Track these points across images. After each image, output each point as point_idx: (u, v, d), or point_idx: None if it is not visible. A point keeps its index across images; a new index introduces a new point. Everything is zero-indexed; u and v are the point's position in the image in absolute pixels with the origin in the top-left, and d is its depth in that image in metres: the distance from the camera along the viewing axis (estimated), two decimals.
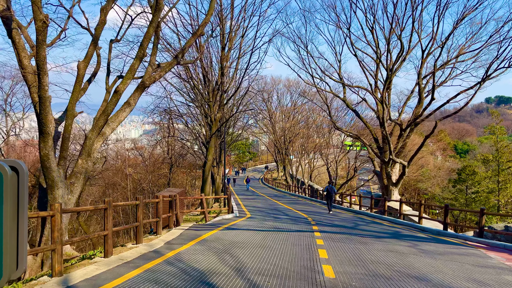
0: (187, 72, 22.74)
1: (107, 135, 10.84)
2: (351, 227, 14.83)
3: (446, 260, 8.80)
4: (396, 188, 29.25)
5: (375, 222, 17.59)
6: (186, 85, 23.72)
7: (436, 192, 58.28)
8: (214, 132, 23.18)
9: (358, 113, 31.49)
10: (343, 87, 31.12)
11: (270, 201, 30.89)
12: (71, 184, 10.38)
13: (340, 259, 8.27)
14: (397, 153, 28.01)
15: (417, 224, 16.48)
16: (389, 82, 26.03)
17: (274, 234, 12.06)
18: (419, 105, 27.55)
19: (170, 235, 11.67)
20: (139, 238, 9.70)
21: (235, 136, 49.81)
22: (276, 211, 22.24)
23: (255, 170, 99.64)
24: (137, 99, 11.30)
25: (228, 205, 18.97)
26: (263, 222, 16.10)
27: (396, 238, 12.18)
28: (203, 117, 24.78)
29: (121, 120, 11.03)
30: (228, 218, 17.68)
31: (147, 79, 11.26)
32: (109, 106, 10.35)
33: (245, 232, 12.54)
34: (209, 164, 23.77)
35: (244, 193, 43.72)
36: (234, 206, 23.68)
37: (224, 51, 22.59)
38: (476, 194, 44.75)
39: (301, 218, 17.94)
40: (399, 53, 25.87)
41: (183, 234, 11.85)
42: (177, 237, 11.16)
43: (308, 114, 62.78)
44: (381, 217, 19.65)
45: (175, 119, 28.33)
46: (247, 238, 11.18)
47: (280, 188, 56.04)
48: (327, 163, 56.86)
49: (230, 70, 24.74)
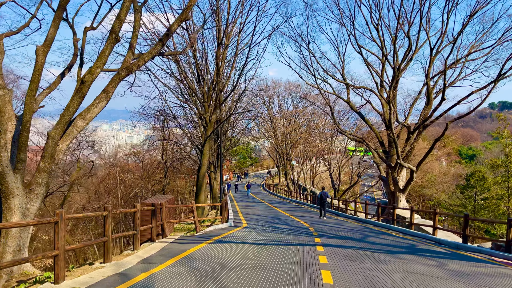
0: (180, 71, 21.23)
1: (75, 134, 9.31)
2: (358, 239, 13.18)
3: (480, 286, 7.16)
4: (403, 195, 27.56)
5: (384, 232, 15.93)
6: (180, 85, 22.20)
7: (442, 199, 56.47)
8: (210, 135, 21.62)
9: (363, 116, 29.89)
10: (347, 88, 29.58)
11: (270, 208, 29.23)
12: (31, 191, 8.81)
13: (349, 286, 6.65)
14: (404, 158, 26.37)
15: (431, 235, 14.83)
16: (396, 81, 24.48)
17: (270, 249, 10.44)
18: (427, 107, 25.95)
19: (150, 250, 10.08)
20: (107, 256, 8.10)
21: (234, 141, 48.23)
22: (276, 219, 20.61)
23: (256, 176, 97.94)
24: (113, 89, 9.77)
25: (222, 213, 17.35)
26: (259, 232, 14.48)
27: (413, 254, 10.54)
28: (198, 118, 23.27)
29: (93, 116, 9.50)
30: (222, 228, 16.06)
31: (126, 68, 9.75)
32: (75, 100, 8.83)
33: (238, 246, 10.92)
34: (204, 169, 22.19)
35: (244, 199, 42.08)
36: (231, 214, 22.06)
37: (220, 48, 21.10)
38: (486, 201, 42.91)
39: (302, 228, 16.31)
40: (407, 51, 24.35)
41: (166, 248, 10.24)
42: (157, 253, 9.56)
43: (310, 118, 61.22)
44: (390, 227, 17.98)
45: (170, 121, 26.80)
46: (238, 254, 9.57)
47: (281, 194, 54.32)
48: (329, 168, 55.16)
49: (226, 69, 23.30)
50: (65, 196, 22.39)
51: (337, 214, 26.20)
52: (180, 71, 21.10)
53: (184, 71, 21.22)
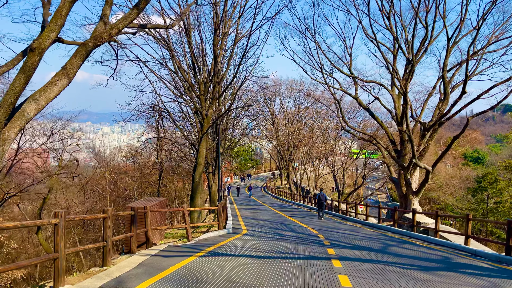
0: (173, 61, 19.21)
1: (28, 118, 7.29)
2: (379, 250, 11.09)
3: None
4: (416, 198, 25.44)
5: (405, 241, 13.82)
6: (173, 77, 20.18)
7: (450, 202, 54.32)
8: (206, 131, 19.55)
9: (372, 112, 27.82)
10: (354, 83, 27.55)
11: (273, 212, 27.13)
12: None
13: None
14: (417, 158, 24.29)
15: (460, 244, 12.73)
16: (411, 73, 22.42)
17: (275, 264, 8.37)
18: (444, 102, 23.90)
19: (125, 265, 8.01)
20: (57, 279, 6.03)
21: (234, 141, 46.13)
22: (279, 225, 18.53)
23: (258, 178, 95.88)
24: (78, 65, 7.77)
25: (219, 218, 15.26)
26: (262, 241, 12.40)
27: (452, 270, 8.45)
28: (194, 114, 21.25)
29: (51, 97, 7.49)
30: (218, 236, 13.97)
31: (94, 37, 7.75)
32: (21, 74, 6.81)
33: (235, 260, 8.85)
34: (200, 168, 20.12)
35: (245, 202, 40.01)
36: (230, 219, 19.98)
37: (218, 35, 19.10)
38: (499, 204, 40.69)
39: (310, 236, 14.23)
40: (423, 40, 22.32)
41: (144, 264, 8.18)
42: (131, 271, 7.50)
43: (313, 117, 59.11)
44: (410, 234, 15.87)
45: (165, 117, 24.75)
46: (235, 272, 7.51)
47: (284, 197, 52.19)
48: (333, 170, 53.01)
49: (225, 61, 21.27)
50: (44, 198, 20.35)
51: (346, 219, 24.09)
52: (173, 61, 19.10)
53: (178, 60, 19.20)
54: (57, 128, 21.94)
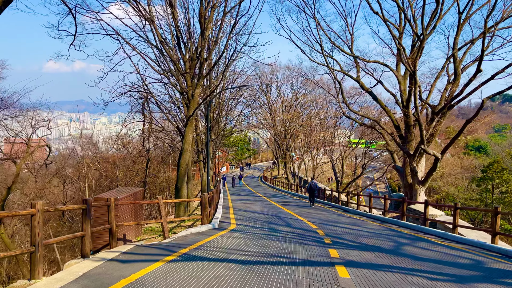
0: (155, 33, 17.04)
1: None
2: (391, 251, 9.16)
3: None
4: (423, 187, 23.62)
5: (419, 238, 11.89)
6: (155, 52, 18.06)
7: (451, 192, 52.65)
8: (192, 113, 17.49)
9: (375, 96, 25.84)
10: (356, 63, 25.52)
11: (268, 203, 25.24)
12: None
13: None
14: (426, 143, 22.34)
15: (485, 242, 10.83)
16: (421, 49, 20.36)
17: (263, 274, 6.40)
18: (454, 83, 21.89)
19: (64, 277, 6.02)
20: None
21: (229, 129, 44.02)
22: (274, 218, 16.61)
23: (255, 168, 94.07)
24: None
25: (202, 212, 13.30)
26: (251, 239, 10.46)
27: (491, 282, 6.51)
28: (180, 95, 19.17)
29: None
30: (200, 232, 12.01)
31: None
32: None
33: (212, 266, 6.88)
34: (186, 155, 18.10)
35: (239, 192, 38.17)
36: (219, 211, 18.06)
37: (204, 5, 16.92)
38: (506, 194, 38.91)
39: (308, 231, 12.30)
40: (433, 13, 20.20)
41: (89, 275, 6.19)
42: (70, 285, 5.52)
43: (311, 104, 57.06)
44: (422, 229, 13.97)
45: (150, 100, 22.65)
46: (209, 286, 5.54)
47: (280, 187, 50.36)
48: (332, 159, 51.11)
49: (213, 33, 19.15)
50: (9, 188, 18.31)
51: (347, 211, 22.21)
52: (154, 33, 16.95)
53: (159, 33, 17.03)
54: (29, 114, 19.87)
